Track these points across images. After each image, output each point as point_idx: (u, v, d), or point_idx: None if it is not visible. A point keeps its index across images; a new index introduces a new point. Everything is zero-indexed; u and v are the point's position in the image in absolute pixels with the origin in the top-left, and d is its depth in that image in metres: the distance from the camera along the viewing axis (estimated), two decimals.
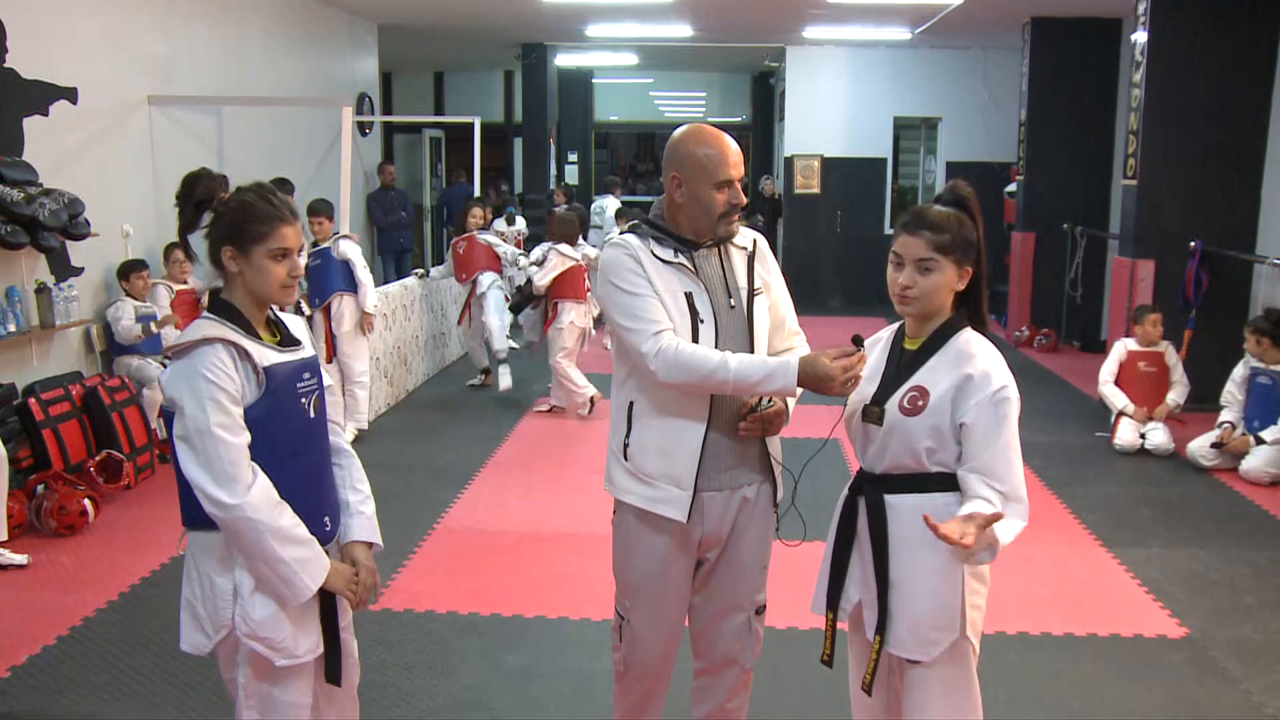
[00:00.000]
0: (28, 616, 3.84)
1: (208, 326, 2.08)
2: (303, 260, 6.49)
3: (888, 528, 2.20)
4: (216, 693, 3.32)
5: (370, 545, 2.31)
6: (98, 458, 5.11)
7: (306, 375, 2.18)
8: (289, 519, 2.07)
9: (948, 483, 2.17)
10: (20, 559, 4.26)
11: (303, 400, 2.16)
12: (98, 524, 4.75)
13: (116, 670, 3.46)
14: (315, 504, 2.19)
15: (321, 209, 6.25)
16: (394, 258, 10.88)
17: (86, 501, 4.68)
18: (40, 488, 4.73)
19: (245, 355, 2.07)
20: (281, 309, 2.26)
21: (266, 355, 2.11)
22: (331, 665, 2.24)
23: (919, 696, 2.19)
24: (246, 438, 2.04)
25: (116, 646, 3.62)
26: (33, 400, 4.96)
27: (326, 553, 2.23)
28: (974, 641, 2.18)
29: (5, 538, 4.21)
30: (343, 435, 2.37)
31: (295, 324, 2.28)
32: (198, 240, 2.20)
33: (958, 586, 2.15)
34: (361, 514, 2.30)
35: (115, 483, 5.11)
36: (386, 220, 10.63)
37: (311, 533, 2.14)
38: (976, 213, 2.20)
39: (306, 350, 2.23)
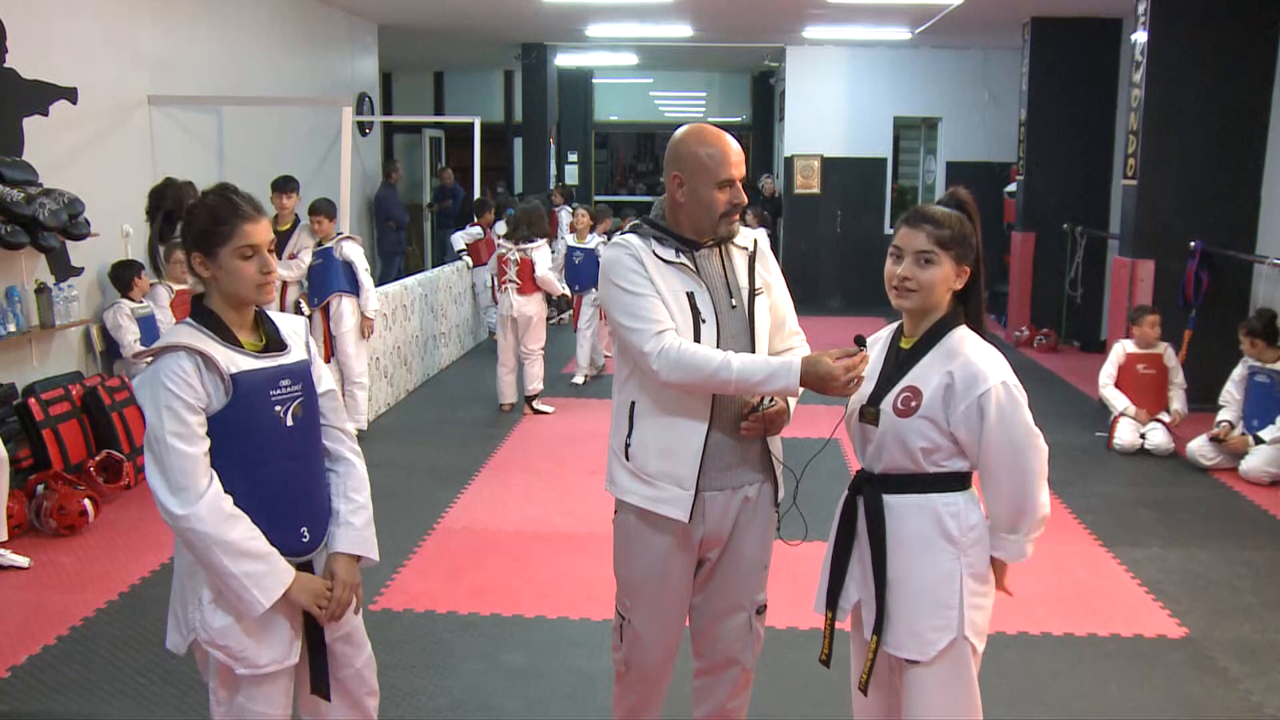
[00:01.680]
0: (28, 616, 3.83)
1: (177, 333, 2.07)
2: (307, 259, 6.53)
3: (886, 528, 2.20)
4: None
5: (359, 558, 2.24)
6: (98, 458, 5.11)
7: (285, 382, 2.13)
8: (241, 532, 2.02)
9: (946, 483, 2.17)
10: (22, 560, 4.26)
11: (277, 408, 2.10)
12: (98, 524, 4.75)
13: (116, 670, 3.45)
14: (289, 514, 2.14)
15: (322, 208, 6.25)
16: (396, 259, 11.09)
17: (86, 501, 4.68)
18: (40, 488, 4.73)
19: (211, 362, 2.03)
20: (246, 309, 2.18)
21: (237, 362, 2.06)
22: (317, 677, 2.21)
23: (917, 696, 2.19)
24: (203, 447, 2.01)
25: (116, 646, 3.62)
26: (33, 400, 4.96)
27: (310, 563, 2.19)
28: (974, 642, 2.18)
29: (5, 538, 4.21)
30: (345, 442, 2.31)
31: (293, 326, 2.24)
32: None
33: (955, 587, 2.15)
34: (350, 524, 2.23)
35: (115, 483, 5.11)
36: (404, 220, 11.06)
37: (283, 544, 2.10)
38: (975, 218, 2.21)
39: (295, 355, 2.18)
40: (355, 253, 6.26)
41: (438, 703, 3.29)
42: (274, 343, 2.16)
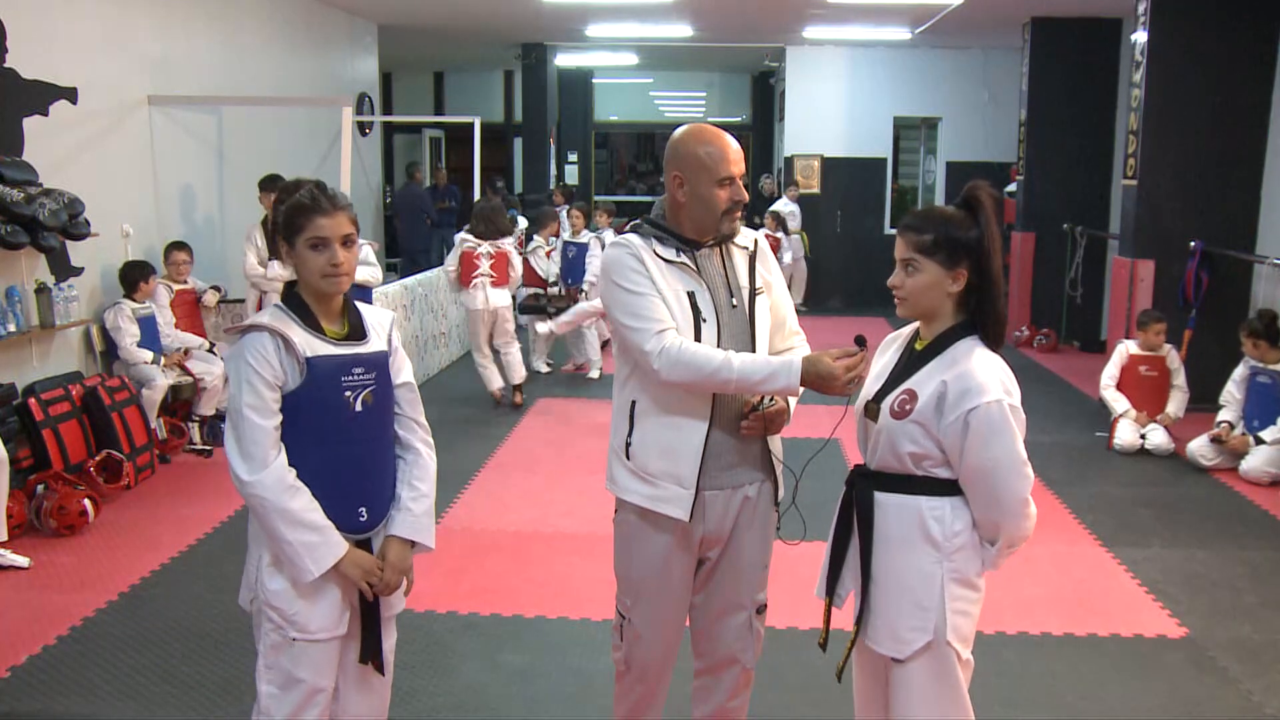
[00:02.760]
0: (28, 616, 3.83)
1: (265, 315, 2.22)
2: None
3: (874, 523, 2.20)
4: (216, 692, 3.32)
5: (413, 544, 2.34)
6: (98, 458, 5.11)
7: (359, 370, 2.23)
8: (301, 503, 2.15)
9: (934, 487, 2.15)
10: (22, 560, 4.26)
11: (347, 393, 2.21)
12: (98, 524, 4.75)
13: (116, 670, 3.45)
14: (349, 493, 2.25)
15: None
16: (428, 253, 11.67)
17: (86, 501, 4.68)
18: (40, 488, 4.73)
19: (290, 344, 2.15)
20: (330, 298, 2.25)
21: (315, 346, 2.19)
22: (369, 649, 2.32)
23: (901, 696, 2.20)
24: (275, 421, 2.16)
25: (116, 646, 3.62)
26: (33, 400, 4.95)
27: (368, 542, 2.29)
28: (959, 649, 2.15)
29: (5, 538, 4.21)
30: (418, 432, 2.39)
31: (378, 318, 2.34)
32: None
33: (936, 591, 2.14)
34: (408, 510, 2.34)
35: (115, 483, 5.11)
36: (437, 217, 11.86)
37: (341, 520, 2.21)
38: (989, 217, 2.13)
39: (373, 345, 2.27)
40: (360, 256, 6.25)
41: (437, 703, 3.29)
42: (355, 332, 2.26)
